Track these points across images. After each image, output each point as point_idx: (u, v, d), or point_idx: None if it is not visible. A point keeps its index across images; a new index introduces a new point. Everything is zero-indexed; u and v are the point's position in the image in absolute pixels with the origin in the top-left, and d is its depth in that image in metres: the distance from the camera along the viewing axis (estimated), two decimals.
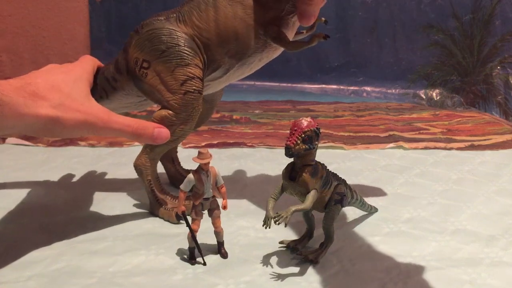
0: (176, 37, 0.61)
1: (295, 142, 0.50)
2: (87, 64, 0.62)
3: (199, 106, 0.62)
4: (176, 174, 0.75)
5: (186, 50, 0.61)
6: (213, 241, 0.56)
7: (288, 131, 0.51)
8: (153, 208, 0.65)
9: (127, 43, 0.64)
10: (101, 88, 0.65)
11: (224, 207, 0.55)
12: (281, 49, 0.65)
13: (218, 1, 0.61)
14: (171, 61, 0.61)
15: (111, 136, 0.66)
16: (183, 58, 0.61)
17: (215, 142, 0.97)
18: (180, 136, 0.63)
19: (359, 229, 0.62)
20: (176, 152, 0.76)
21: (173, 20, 0.62)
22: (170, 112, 0.61)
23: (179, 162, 0.76)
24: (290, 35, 0.64)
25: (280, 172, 0.54)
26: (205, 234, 0.57)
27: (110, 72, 0.65)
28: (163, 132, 0.56)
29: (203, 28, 0.62)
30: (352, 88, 1.48)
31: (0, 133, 0.53)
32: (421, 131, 1.06)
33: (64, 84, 0.54)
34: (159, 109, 0.62)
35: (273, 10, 0.61)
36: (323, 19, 0.69)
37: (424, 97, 1.45)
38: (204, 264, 0.54)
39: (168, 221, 0.63)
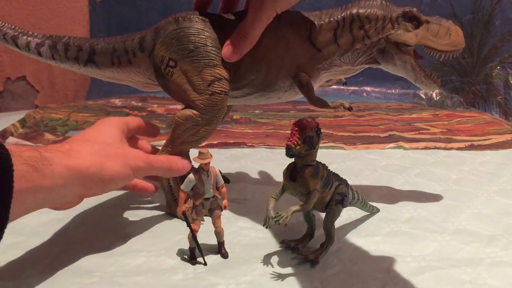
0: (204, 37, 0.61)
1: (295, 143, 0.50)
2: (111, 118, 0.63)
3: (225, 108, 0.62)
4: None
5: (214, 51, 0.60)
6: (213, 241, 0.56)
7: (289, 131, 0.51)
8: (171, 208, 0.65)
9: (161, 26, 0.63)
10: (116, 56, 0.65)
11: (225, 207, 0.55)
12: (300, 95, 0.65)
13: (266, 29, 0.61)
14: (199, 61, 0.60)
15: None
16: (212, 59, 0.60)
17: (215, 142, 0.97)
18: (203, 136, 0.62)
19: (360, 229, 0.62)
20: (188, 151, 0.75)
21: (216, 26, 0.61)
22: (195, 112, 0.61)
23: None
24: (315, 87, 0.65)
25: (281, 173, 0.54)
26: (206, 234, 0.57)
27: (133, 45, 0.64)
28: (186, 163, 0.60)
29: None
30: (352, 88, 1.48)
31: (56, 202, 0.52)
32: (421, 131, 1.06)
33: (96, 134, 0.57)
34: (183, 109, 0.62)
35: (310, 60, 0.62)
36: (343, 80, 0.71)
37: (424, 97, 1.45)
38: (205, 264, 0.54)
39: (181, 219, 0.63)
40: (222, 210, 0.55)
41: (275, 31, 0.61)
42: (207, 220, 0.56)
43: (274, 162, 0.85)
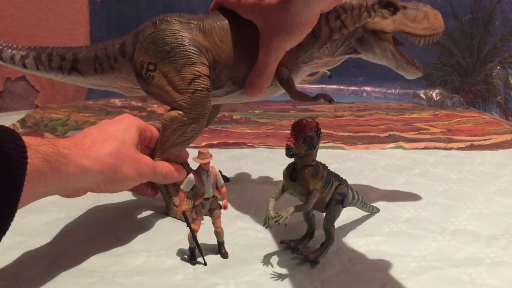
0: (180, 37, 0.61)
1: (295, 143, 0.50)
2: (135, 118, 0.63)
3: (209, 104, 0.62)
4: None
5: (191, 49, 0.61)
6: (213, 241, 0.56)
7: (288, 131, 0.51)
8: (169, 210, 0.66)
9: (140, 30, 0.63)
10: (98, 62, 0.65)
11: (225, 207, 0.55)
12: (282, 91, 0.65)
13: (244, 27, 0.61)
14: (177, 61, 0.61)
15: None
16: (189, 57, 0.61)
17: (215, 142, 0.97)
18: (192, 135, 0.63)
19: (360, 229, 0.62)
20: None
21: (193, 27, 0.62)
22: (180, 112, 0.61)
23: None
24: (296, 82, 0.65)
25: (281, 173, 0.54)
26: (206, 234, 0.57)
27: (114, 50, 0.64)
28: (182, 173, 0.64)
29: (219, 46, 0.62)
30: (352, 88, 1.48)
31: (65, 193, 0.54)
32: (421, 131, 1.06)
33: (117, 132, 0.58)
34: (169, 111, 0.62)
35: (290, 55, 0.62)
36: (328, 72, 0.70)
37: (424, 97, 1.45)
38: (205, 264, 0.54)
39: (181, 220, 0.63)
40: (221, 209, 0.55)
41: (253, 29, 0.61)
42: (207, 220, 0.56)
43: (274, 162, 0.85)
